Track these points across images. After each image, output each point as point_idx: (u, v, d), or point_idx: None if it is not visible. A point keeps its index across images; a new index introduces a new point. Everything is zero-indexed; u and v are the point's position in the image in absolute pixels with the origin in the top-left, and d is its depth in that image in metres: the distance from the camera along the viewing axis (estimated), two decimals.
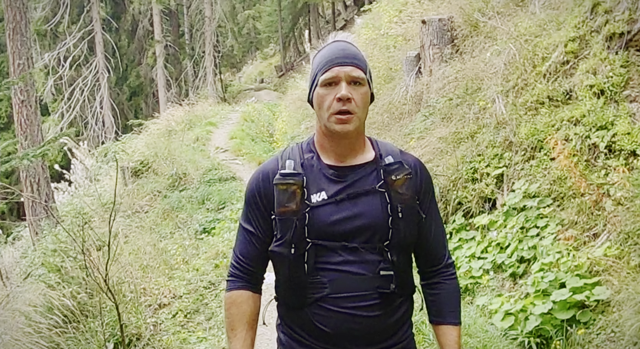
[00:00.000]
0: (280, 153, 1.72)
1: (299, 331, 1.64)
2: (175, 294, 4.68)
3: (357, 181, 1.63)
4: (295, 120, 11.36)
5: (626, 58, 5.10)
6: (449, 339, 1.69)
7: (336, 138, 1.62)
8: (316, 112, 1.65)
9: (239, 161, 10.29)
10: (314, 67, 1.66)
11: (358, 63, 1.60)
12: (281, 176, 1.61)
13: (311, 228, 1.57)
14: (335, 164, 1.65)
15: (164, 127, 13.89)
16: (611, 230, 4.30)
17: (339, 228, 1.58)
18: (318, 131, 1.69)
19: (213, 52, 25.97)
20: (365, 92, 1.60)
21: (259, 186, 1.68)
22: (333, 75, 1.57)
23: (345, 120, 1.56)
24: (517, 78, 5.95)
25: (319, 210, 1.58)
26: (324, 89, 1.58)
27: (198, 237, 6.48)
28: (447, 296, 1.73)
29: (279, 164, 1.66)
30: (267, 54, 38.02)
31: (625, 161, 4.53)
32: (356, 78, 1.57)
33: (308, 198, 1.59)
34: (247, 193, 1.72)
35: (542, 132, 5.17)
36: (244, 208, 1.74)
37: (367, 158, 1.67)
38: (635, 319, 3.44)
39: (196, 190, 8.08)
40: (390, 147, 1.74)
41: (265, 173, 1.68)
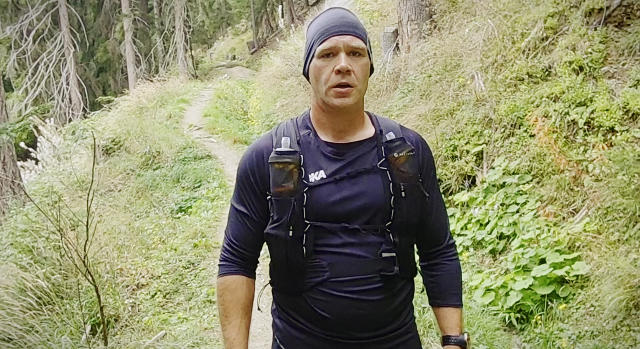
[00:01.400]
0: (275, 130, 1.58)
1: (298, 317, 1.55)
2: (153, 275, 4.57)
3: (357, 160, 1.52)
4: (270, 98, 11.19)
5: (605, 34, 5.11)
6: (450, 321, 1.62)
7: (334, 113, 1.51)
8: (312, 85, 1.52)
9: (214, 139, 10.11)
10: (309, 36, 1.53)
11: (358, 32, 1.48)
12: (277, 154, 1.49)
13: (310, 209, 1.47)
14: (333, 141, 1.54)
15: (134, 103, 13.54)
16: (590, 206, 4.34)
17: (338, 209, 1.48)
18: (314, 106, 1.56)
19: (184, 28, 25.36)
20: (366, 63, 1.48)
21: (252, 165, 1.55)
22: (331, 45, 1.44)
23: (345, 93, 1.44)
24: (496, 54, 5.92)
25: (318, 190, 1.48)
26: (321, 61, 1.46)
27: (174, 216, 6.34)
28: (449, 277, 1.65)
29: (273, 141, 1.54)
30: (238, 30, 37.32)
31: (604, 137, 4.56)
32: (356, 48, 1.45)
33: (306, 178, 1.48)
34: (239, 172, 1.59)
35: (522, 108, 5.17)
36: (235, 188, 1.61)
37: (366, 135, 1.56)
38: (614, 293, 3.48)
39: (171, 168, 7.90)
40: (391, 122, 1.63)
41: (259, 151, 1.55)
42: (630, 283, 3.45)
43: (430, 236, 1.64)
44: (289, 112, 9.51)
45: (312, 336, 1.53)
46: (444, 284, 1.65)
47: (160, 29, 28.11)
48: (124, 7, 24.84)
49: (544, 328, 3.77)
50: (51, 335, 3.42)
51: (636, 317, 3.35)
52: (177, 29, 25.49)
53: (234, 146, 9.60)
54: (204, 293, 4.27)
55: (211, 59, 32.67)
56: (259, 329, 3.56)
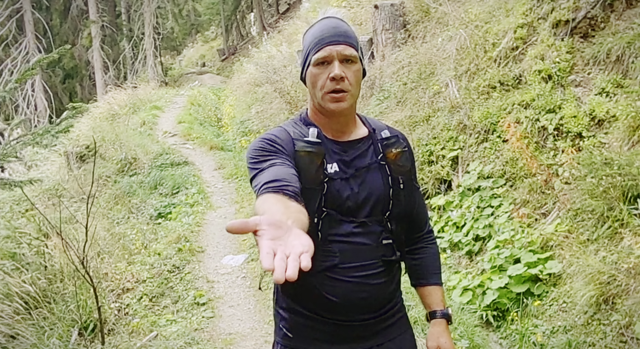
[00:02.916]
0: (284, 126, 1.69)
1: (304, 303, 1.65)
2: (138, 279, 4.60)
3: (359, 157, 1.66)
4: (244, 105, 11.26)
5: (571, 45, 5.37)
6: (435, 298, 1.81)
7: (331, 116, 1.64)
8: (310, 90, 1.65)
9: (190, 145, 10.12)
10: (305, 45, 1.66)
11: (350, 41, 1.60)
12: (307, 144, 1.59)
13: (328, 198, 1.58)
14: (335, 139, 1.67)
15: (106, 110, 13.44)
16: (560, 208, 4.56)
17: (348, 204, 1.60)
18: (312, 109, 1.69)
19: (153, 34, 25.18)
20: (358, 69, 1.61)
21: (280, 140, 1.58)
22: (325, 54, 1.57)
23: (340, 98, 1.57)
24: (469, 63, 6.13)
25: (335, 183, 1.60)
26: (317, 68, 1.59)
27: (155, 222, 6.36)
28: (431, 259, 1.84)
29: (290, 133, 1.62)
30: (208, 37, 37.20)
31: (572, 142, 4.79)
32: (348, 56, 1.58)
33: (325, 168, 1.60)
34: (259, 144, 1.57)
35: (495, 115, 5.38)
36: (253, 163, 1.53)
37: (361, 134, 1.70)
38: (585, 289, 3.68)
39: (148, 175, 7.90)
40: (378, 122, 1.79)
41: (284, 136, 1.60)
42: (599, 280, 3.65)
43: (415, 223, 1.79)
44: (264, 118, 9.60)
45: (318, 321, 1.64)
46: (427, 265, 1.83)
47: (129, 36, 27.79)
48: (91, 13, 24.53)
49: (520, 325, 3.95)
50: (40, 339, 3.44)
51: (606, 312, 3.55)
52: (146, 36, 25.26)
53: (210, 152, 9.64)
54: (191, 296, 4.34)
55: (180, 66, 32.45)
56: (248, 330, 3.65)
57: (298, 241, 0.95)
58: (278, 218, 1.02)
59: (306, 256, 0.91)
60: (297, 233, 0.98)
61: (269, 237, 0.95)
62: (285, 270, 0.86)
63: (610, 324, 3.45)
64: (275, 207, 1.19)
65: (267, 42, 15.17)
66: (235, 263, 4.82)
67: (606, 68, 5.10)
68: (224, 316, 3.99)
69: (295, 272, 0.86)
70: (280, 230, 0.98)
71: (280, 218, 1.03)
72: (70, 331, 3.62)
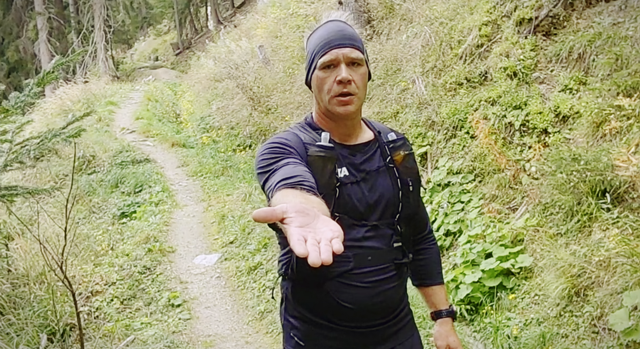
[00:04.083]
0: (292, 130, 1.66)
1: (316, 311, 1.62)
2: (107, 281, 4.46)
3: (367, 160, 1.65)
4: (204, 100, 11.07)
5: (534, 43, 5.50)
6: (439, 297, 1.84)
7: (338, 120, 1.62)
8: (316, 94, 1.63)
9: (150, 142, 9.89)
10: (310, 48, 1.64)
11: (356, 44, 1.59)
12: (320, 148, 1.56)
13: (340, 203, 1.56)
14: (342, 142, 1.65)
15: (58, 106, 12.97)
16: (529, 202, 4.67)
17: (360, 207, 1.59)
18: (318, 113, 1.67)
19: (104, 27, 24.46)
20: (364, 72, 1.61)
21: (292, 143, 1.55)
22: (332, 57, 1.55)
23: (347, 101, 1.56)
24: (435, 60, 6.20)
25: (346, 188, 1.58)
26: (323, 72, 1.57)
27: (119, 222, 6.18)
28: (434, 259, 1.86)
29: (300, 138, 1.60)
30: (160, 30, 36.44)
31: (538, 138, 4.91)
32: (355, 59, 1.57)
33: (337, 173, 1.58)
34: (270, 147, 1.53)
35: (462, 111, 5.46)
36: (263, 167, 1.47)
37: (368, 137, 1.70)
38: (557, 282, 3.77)
39: (108, 173, 7.67)
40: (381, 124, 1.80)
41: (296, 141, 1.57)
42: (570, 273, 3.75)
43: (418, 223, 1.80)
44: (226, 114, 9.47)
45: (331, 329, 1.61)
46: (430, 265, 1.86)
47: (78, 28, 26.95)
48: (37, 4, 23.64)
49: (493, 318, 4.03)
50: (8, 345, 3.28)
51: (577, 303, 3.65)
52: (96, 29, 24.54)
53: (172, 149, 9.44)
54: (165, 297, 4.24)
55: (132, 60, 31.71)
56: (228, 331, 3.60)
57: (327, 227, 0.93)
58: (304, 205, 1.00)
59: (337, 241, 0.88)
60: (325, 220, 0.96)
61: (297, 224, 0.93)
62: (319, 254, 0.84)
63: (582, 315, 3.55)
64: (297, 199, 1.13)
65: (224, 37, 14.95)
66: (208, 262, 4.74)
67: (568, 66, 5.25)
68: (201, 317, 3.91)
69: (330, 255, 0.84)
70: (308, 217, 0.96)
71: (306, 205, 1.01)
72: (39, 336, 3.48)
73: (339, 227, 0.93)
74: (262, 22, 12.59)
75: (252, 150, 8.73)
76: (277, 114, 8.50)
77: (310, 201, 1.13)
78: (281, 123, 8.22)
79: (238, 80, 9.23)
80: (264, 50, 10.03)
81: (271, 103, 8.66)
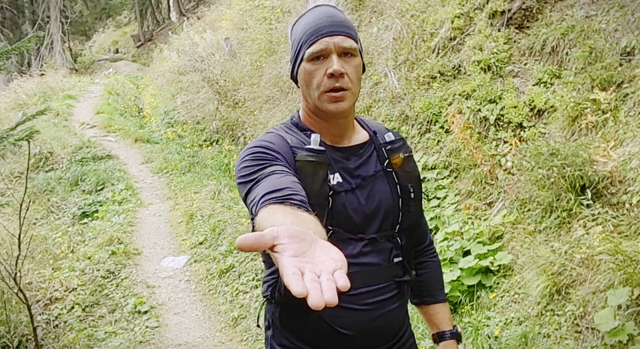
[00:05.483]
0: (276, 131, 1.45)
1: (310, 338, 1.42)
2: (68, 287, 4.18)
3: (363, 164, 1.46)
4: (168, 94, 10.73)
5: (508, 36, 5.44)
6: (442, 317, 1.64)
7: (329, 119, 1.43)
8: (303, 90, 1.43)
9: (112, 138, 9.51)
10: (296, 37, 1.43)
11: (349, 31, 1.40)
12: (311, 153, 1.36)
13: (333, 214, 1.36)
14: (333, 145, 1.46)
15: (12, 100, 12.40)
16: (505, 198, 4.60)
17: (356, 218, 1.40)
18: (306, 111, 1.47)
19: (60, 18, 23.67)
20: (358, 63, 1.41)
21: (277, 147, 1.36)
22: (322, 47, 1.36)
23: (339, 97, 1.36)
24: (407, 53, 6.09)
25: (340, 196, 1.39)
26: (311, 64, 1.37)
27: (80, 222, 5.87)
28: (435, 274, 1.67)
29: (287, 140, 1.39)
30: (120, 22, 35.48)
31: (514, 133, 4.85)
32: (348, 49, 1.37)
33: (329, 180, 1.38)
34: (253, 154, 1.33)
35: (436, 105, 5.36)
36: (245, 176, 1.28)
37: (362, 138, 1.51)
38: (538, 280, 3.70)
39: (67, 170, 7.30)
40: (377, 123, 1.61)
41: (281, 145, 1.37)
42: (551, 270, 3.69)
43: (417, 235, 1.61)
44: (191, 109, 9.20)
45: None
46: (431, 281, 1.66)
47: (32, 19, 26.05)
48: None
49: (473, 318, 3.94)
50: None
51: (559, 302, 3.59)
52: (52, 19, 23.77)
53: (136, 145, 9.09)
54: (131, 303, 4.00)
55: (91, 52, 30.85)
56: (199, 339, 3.40)
57: (327, 255, 0.76)
58: (299, 229, 0.81)
59: (341, 274, 0.72)
60: (324, 246, 0.79)
61: (291, 253, 0.75)
62: (321, 293, 0.67)
63: (564, 314, 3.49)
64: (286, 219, 0.94)
65: (187, 29, 14.60)
66: (176, 265, 4.51)
67: (542, 59, 5.21)
68: (170, 325, 3.69)
69: (335, 295, 0.68)
70: (304, 242, 0.78)
71: (301, 229, 0.82)
72: None
73: (342, 254, 0.77)
74: (227, 13, 12.30)
75: (220, 146, 8.50)
76: (244, 108, 8.28)
77: (303, 221, 0.94)
78: (249, 117, 8.01)
79: (203, 74, 8.96)
80: (229, 42, 9.77)
81: (238, 97, 8.44)
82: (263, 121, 7.49)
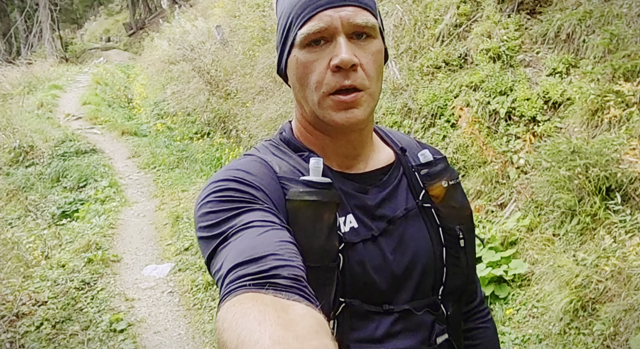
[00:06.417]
0: (259, 154, 0.99)
1: None
2: (37, 300, 3.78)
3: (388, 199, 1.01)
4: (158, 84, 10.30)
5: (518, 22, 5.05)
6: None
7: (337, 134, 0.97)
8: (295, 91, 0.96)
9: (98, 130, 9.09)
10: (283, 13, 0.95)
11: (363, 0, 0.91)
12: (310, 188, 0.91)
13: (345, 280, 0.92)
14: (343, 171, 1.00)
15: None
16: (518, 199, 4.23)
17: (381, 283, 0.95)
18: (300, 122, 1.01)
19: (49, 5, 23.15)
20: (379, 49, 0.93)
21: (256, 183, 0.90)
22: (322, 25, 0.88)
23: (351, 102, 0.89)
24: (409, 41, 5.69)
25: (356, 250, 0.94)
26: (307, 52, 0.90)
27: (57, 223, 5.46)
28: (491, 345, 1.21)
29: (273, 168, 0.94)
30: (112, 10, 34.92)
31: (527, 127, 4.48)
32: (362, 27, 0.89)
33: (339, 227, 0.92)
34: (221, 193, 0.88)
35: (441, 97, 4.98)
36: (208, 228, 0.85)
37: (385, 159, 1.05)
38: (560, 293, 3.34)
39: (48, 165, 6.89)
40: (406, 136, 1.13)
41: (265, 176, 0.92)
42: (574, 282, 3.32)
43: (466, 295, 1.14)
44: (182, 99, 8.78)
45: None
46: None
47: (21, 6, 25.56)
48: None
49: None
50: None
51: (584, 319, 3.22)
52: (41, 7, 23.27)
53: (122, 138, 8.68)
54: (106, 320, 3.59)
55: (82, 41, 30.38)
56: None
57: None
58: None
59: None
60: None
61: None
62: None
63: (592, 334, 3.12)
64: (266, 332, 0.57)
65: (179, 17, 14.16)
66: (159, 274, 4.10)
67: (556, 47, 4.83)
68: (148, 347, 3.29)
69: None
70: None
71: None
72: None
73: None
74: (219, 0, 11.85)
75: (211, 139, 8.10)
76: (236, 100, 7.88)
77: (297, 336, 0.56)
78: (241, 109, 7.61)
79: (194, 63, 8.53)
80: (221, 30, 9.33)
81: (230, 88, 8.03)
82: (256, 113, 7.09)
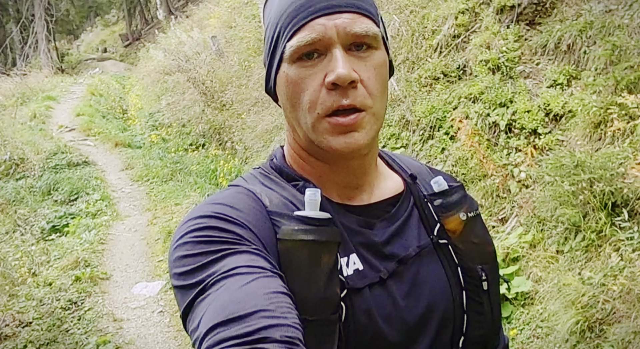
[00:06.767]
0: (246, 185, 0.84)
1: None
2: (21, 321, 3.63)
3: (398, 235, 0.87)
4: (153, 95, 10.21)
5: (518, 33, 4.98)
6: None
7: (336, 161, 0.85)
8: (286, 112, 0.83)
9: (91, 142, 8.97)
10: (271, 22, 0.83)
11: (362, 5, 0.79)
12: (306, 225, 0.76)
13: (349, 332, 0.77)
14: (344, 202, 0.87)
15: None
16: (520, 214, 4.12)
17: (390, 335, 0.80)
18: (293, 147, 0.88)
19: (45, 16, 23.13)
20: (382, 61, 0.80)
21: (242, 221, 0.76)
22: (314, 36, 0.76)
23: (352, 125, 0.77)
24: (407, 52, 5.61)
25: (362, 297, 0.79)
26: (298, 67, 0.78)
27: (46, 238, 5.31)
28: None
29: (262, 202, 0.80)
30: (108, 21, 34.92)
31: (527, 140, 4.39)
32: (361, 36, 0.77)
33: (340, 270, 0.79)
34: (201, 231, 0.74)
35: (440, 109, 4.89)
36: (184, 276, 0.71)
37: (392, 188, 0.92)
38: (568, 314, 3.21)
39: (39, 178, 6.76)
40: (413, 161, 1.01)
41: (252, 211, 0.78)
42: (581, 302, 3.19)
43: (489, 343, 0.98)
44: (177, 111, 8.68)
45: None
46: None
47: (17, 17, 25.53)
48: None
49: None
50: None
51: (591, 340, 3.09)
52: (37, 18, 23.26)
53: (116, 150, 8.55)
54: (93, 342, 3.45)
55: (79, 52, 30.37)
56: None
57: None
58: None
59: None
60: None
61: None
62: None
63: None
64: None
65: (175, 27, 14.10)
66: (149, 292, 3.96)
67: (556, 59, 4.76)
68: None
69: None
70: None
71: None
72: None
73: None
74: (215, 11, 11.80)
75: (206, 150, 7.99)
76: (232, 111, 7.79)
77: None
78: (236, 120, 7.51)
79: (189, 74, 8.44)
80: (217, 41, 9.26)
81: (226, 99, 7.94)
82: (251, 125, 6.99)
